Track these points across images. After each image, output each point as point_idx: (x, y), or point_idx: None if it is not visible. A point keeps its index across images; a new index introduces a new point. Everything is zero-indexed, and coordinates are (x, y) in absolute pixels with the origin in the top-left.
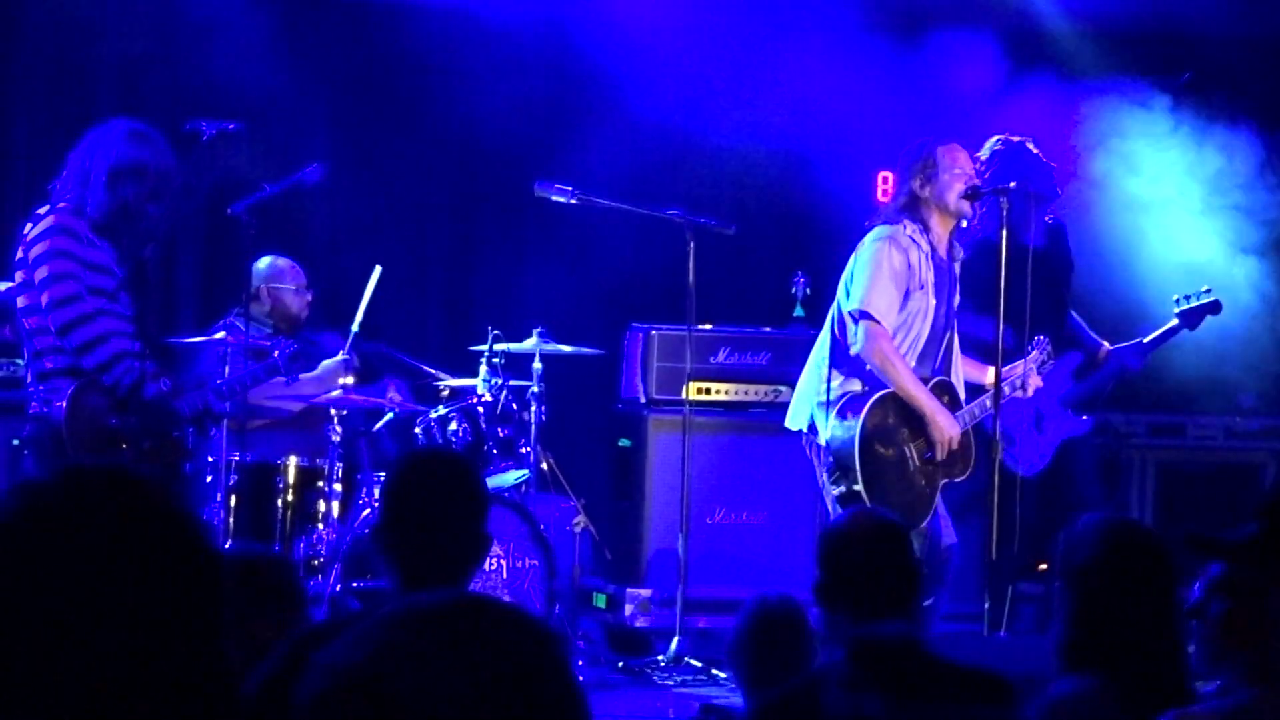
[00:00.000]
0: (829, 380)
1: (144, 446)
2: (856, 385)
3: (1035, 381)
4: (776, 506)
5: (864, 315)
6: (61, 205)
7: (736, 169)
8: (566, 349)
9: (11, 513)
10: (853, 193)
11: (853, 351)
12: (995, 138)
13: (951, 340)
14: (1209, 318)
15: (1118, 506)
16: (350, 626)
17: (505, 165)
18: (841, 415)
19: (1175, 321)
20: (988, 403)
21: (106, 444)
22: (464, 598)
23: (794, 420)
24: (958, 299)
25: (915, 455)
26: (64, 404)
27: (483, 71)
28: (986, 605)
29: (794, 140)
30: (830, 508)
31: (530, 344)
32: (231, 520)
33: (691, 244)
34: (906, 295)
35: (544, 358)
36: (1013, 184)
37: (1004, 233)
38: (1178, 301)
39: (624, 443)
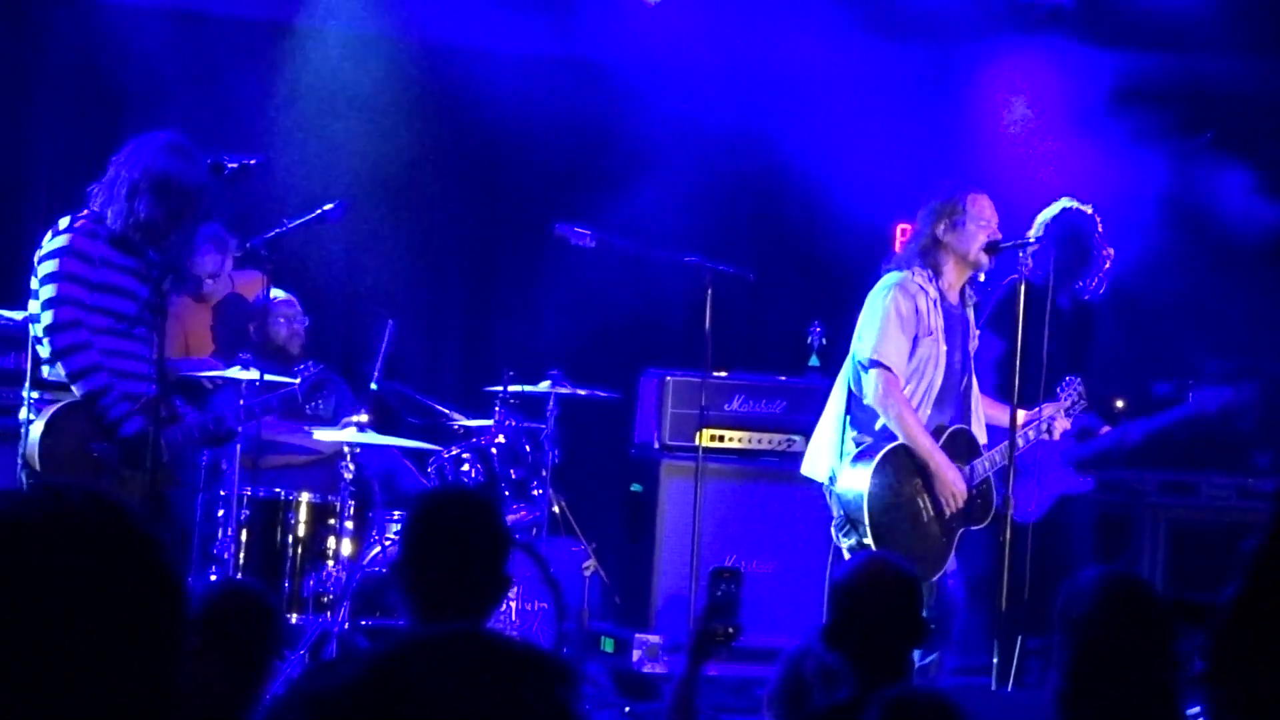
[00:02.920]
0: (843, 431)
1: (123, 474)
2: (869, 437)
3: (1062, 424)
4: (787, 555)
5: (875, 364)
6: (81, 220)
7: (756, 217)
8: (581, 392)
9: None
10: (871, 244)
11: (865, 401)
12: (1066, 200)
13: (970, 386)
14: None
15: (1127, 564)
16: (354, 660)
17: (524, 206)
18: (852, 467)
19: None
20: (1018, 445)
21: (83, 467)
22: (468, 631)
23: (811, 469)
24: (974, 344)
25: (929, 506)
26: (44, 420)
27: (503, 112)
28: (995, 659)
29: (814, 190)
30: (831, 558)
31: (545, 386)
32: (242, 554)
33: (709, 290)
34: (915, 342)
35: (558, 400)
36: (1032, 235)
37: (1022, 285)
38: (1194, 386)
39: (636, 487)
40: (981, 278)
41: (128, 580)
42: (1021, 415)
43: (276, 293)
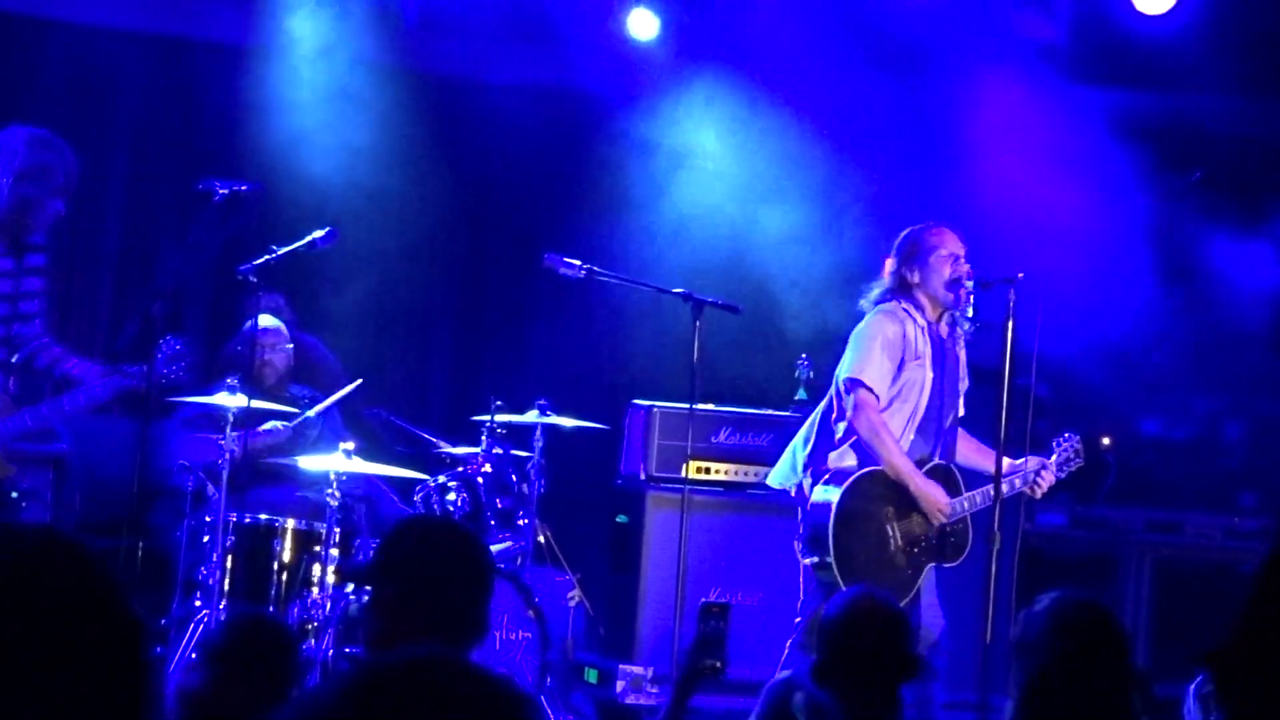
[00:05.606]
0: (818, 451)
1: None
2: (850, 459)
3: (1048, 479)
4: (772, 588)
5: (856, 384)
6: None
7: (745, 249)
8: (568, 422)
9: None
10: (860, 278)
11: (844, 421)
12: None
13: (955, 423)
14: None
15: (1112, 603)
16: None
17: (513, 235)
18: (825, 486)
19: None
20: (991, 492)
21: None
22: (429, 655)
23: (776, 479)
24: (964, 384)
25: (898, 536)
26: None
27: (493, 142)
28: (986, 695)
29: (803, 222)
30: (803, 578)
31: (532, 416)
32: (227, 581)
33: (698, 322)
34: (901, 365)
35: (545, 430)
36: (1020, 275)
37: (1009, 322)
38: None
39: (622, 519)
40: (970, 313)
41: (84, 620)
42: (1005, 464)
43: (266, 320)
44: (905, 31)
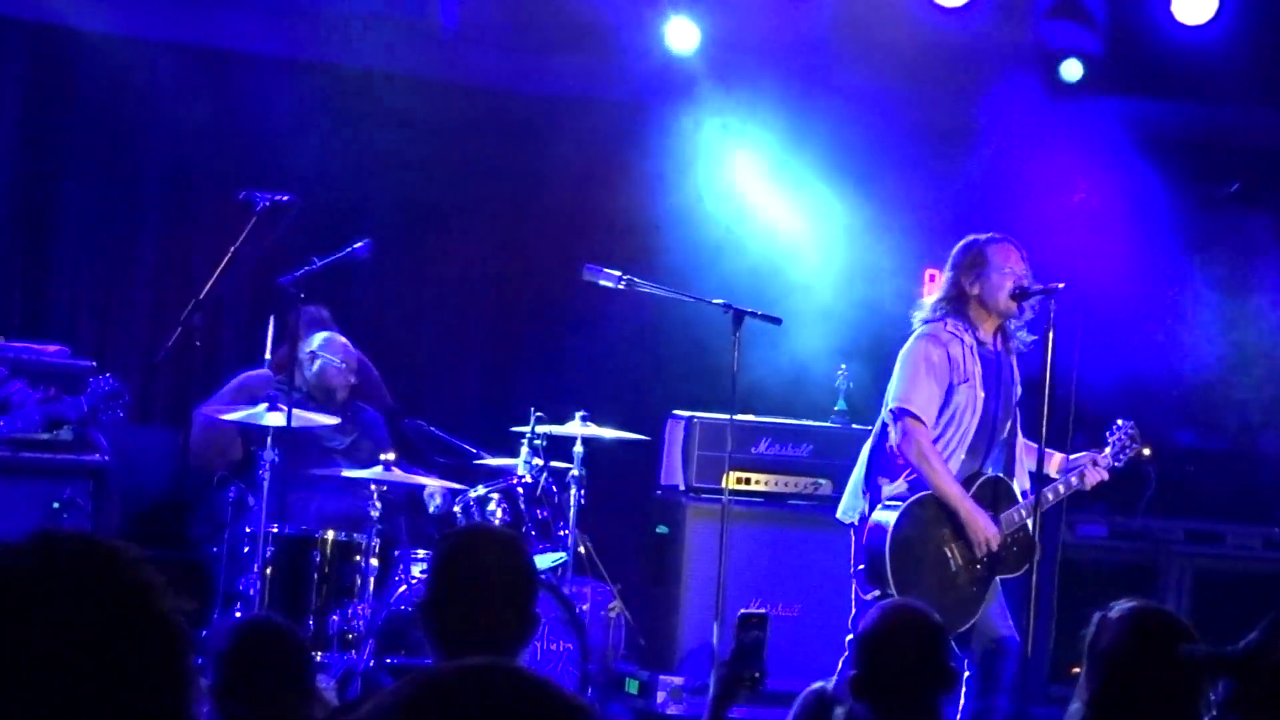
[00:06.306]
0: (873, 478)
1: None
2: (901, 485)
3: (1097, 475)
4: (811, 599)
5: (903, 413)
6: None
7: (784, 260)
8: (608, 433)
9: None
10: (900, 289)
11: (891, 447)
12: None
13: (1013, 431)
14: None
15: None
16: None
17: (553, 247)
18: (880, 512)
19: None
20: (1050, 496)
21: None
22: (487, 665)
23: (844, 513)
24: (1018, 391)
25: (958, 556)
26: None
27: (532, 152)
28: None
29: (842, 233)
30: (855, 595)
31: (572, 427)
32: (266, 592)
33: (737, 333)
34: (951, 390)
35: (585, 441)
36: (1061, 285)
37: (1050, 333)
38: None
39: (662, 529)
40: (1012, 324)
41: (125, 627)
42: (1059, 460)
43: (339, 337)
44: (943, 41)
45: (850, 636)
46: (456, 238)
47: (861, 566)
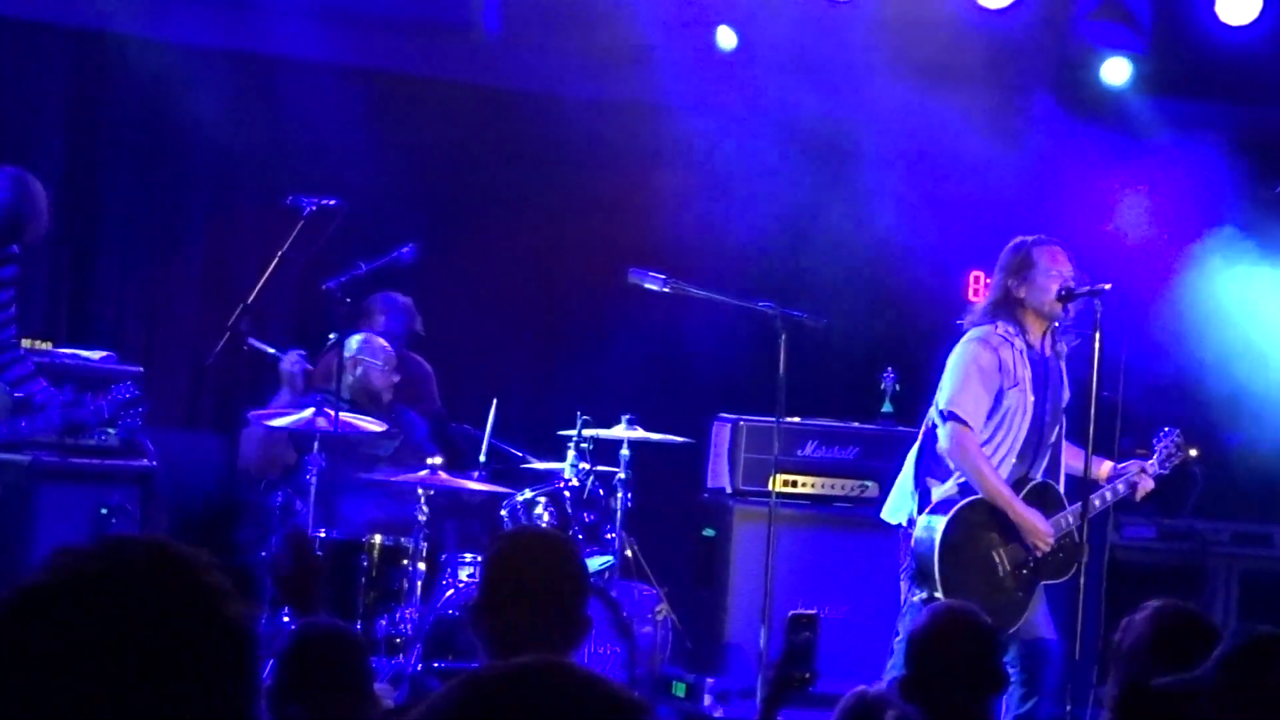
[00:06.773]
0: (922, 480)
1: None
2: (951, 488)
3: (1145, 484)
4: (858, 601)
5: (951, 416)
6: None
7: (829, 262)
8: (654, 436)
9: (49, 577)
10: (944, 291)
11: (939, 451)
12: None
13: (1059, 436)
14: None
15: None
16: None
17: (596, 250)
18: (930, 517)
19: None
20: (1096, 502)
21: None
22: (542, 662)
23: (891, 513)
24: (1067, 394)
25: (1005, 561)
26: None
27: (577, 156)
28: (1068, 707)
29: (887, 235)
30: (904, 598)
31: (618, 430)
32: None
33: (783, 336)
34: (1000, 394)
35: (631, 445)
36: (1108, 285)
37: (1097, 334)
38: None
39: (708, 532)
40: (1057, 324)
41: (194, 632)
42: (1107, 467)
43: (377, 340)
44: (983, 42)
45: (898, 639)
46: (501, 242)
47: (910, 567)
